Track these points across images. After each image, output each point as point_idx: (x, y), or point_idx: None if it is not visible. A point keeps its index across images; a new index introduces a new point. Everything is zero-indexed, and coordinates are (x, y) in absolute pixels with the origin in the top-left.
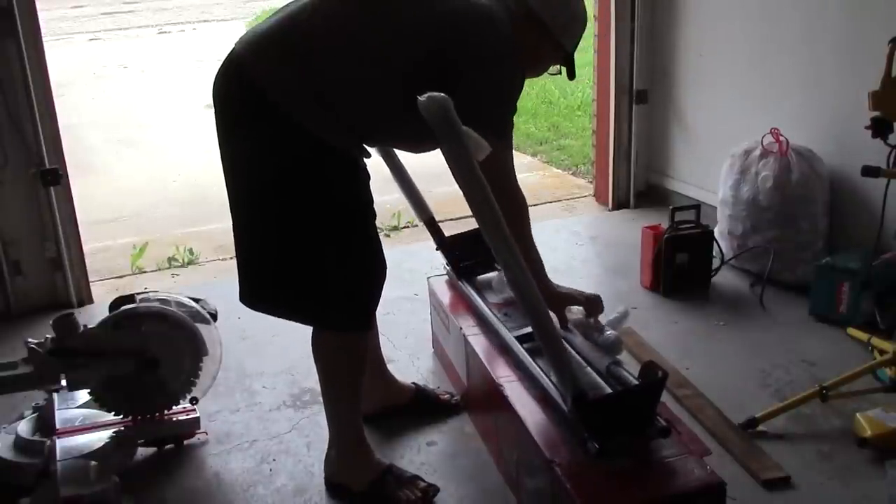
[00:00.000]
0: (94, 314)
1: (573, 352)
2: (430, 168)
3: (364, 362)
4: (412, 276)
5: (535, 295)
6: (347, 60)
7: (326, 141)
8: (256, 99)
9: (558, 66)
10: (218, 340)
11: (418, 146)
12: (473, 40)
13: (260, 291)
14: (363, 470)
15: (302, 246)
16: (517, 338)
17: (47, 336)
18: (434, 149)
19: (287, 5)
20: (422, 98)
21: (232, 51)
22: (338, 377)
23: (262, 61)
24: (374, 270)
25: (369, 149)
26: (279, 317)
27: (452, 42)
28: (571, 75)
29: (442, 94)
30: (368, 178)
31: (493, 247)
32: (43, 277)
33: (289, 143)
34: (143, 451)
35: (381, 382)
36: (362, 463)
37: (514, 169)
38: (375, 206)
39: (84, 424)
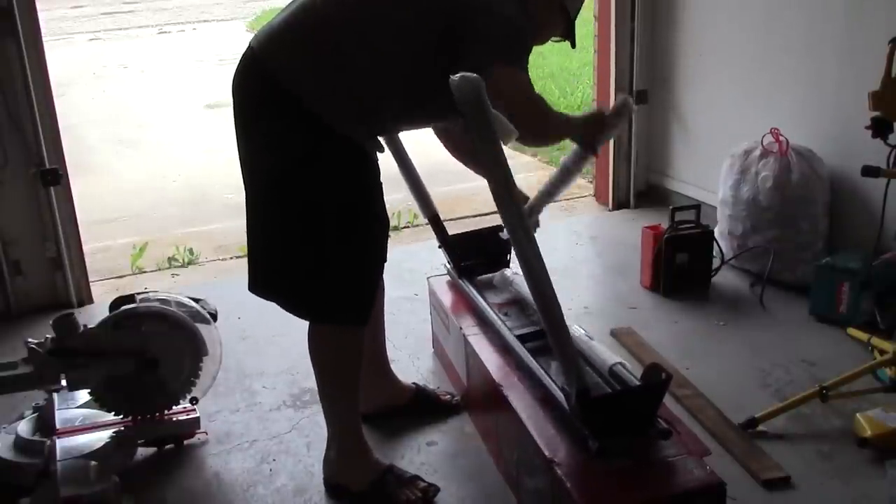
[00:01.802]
0: (94, 314)
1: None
2: (431, 167)
3: (360, 359)
4: (412, 276)
5: (549, 289)
6: (361, 47)
7: (343, 133)
8: (275, 93)
9: (559, 36)
10: (218, 340)
11: (434, 120)
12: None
13: (265, 280)
14: (363, 470)
15: (306, 237)
16: (517, 337)
17: (47, 336)
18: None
19: None
20: (454, 77)
21: (249, 46)
22: (335, 374)
23: (279, 55)
24: (373, 265)
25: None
26: (282, 307)
27: (464, 9)
28: (573, 43)
29: (475, 75)
30: (379, 173)
31: (510, 232)
32: (43, 277)
33: (304, 136)
34: (143, 451)
35: (383, 382)
36: (362, 463)
37: (537, 98)
38: None
39: (84, 424)
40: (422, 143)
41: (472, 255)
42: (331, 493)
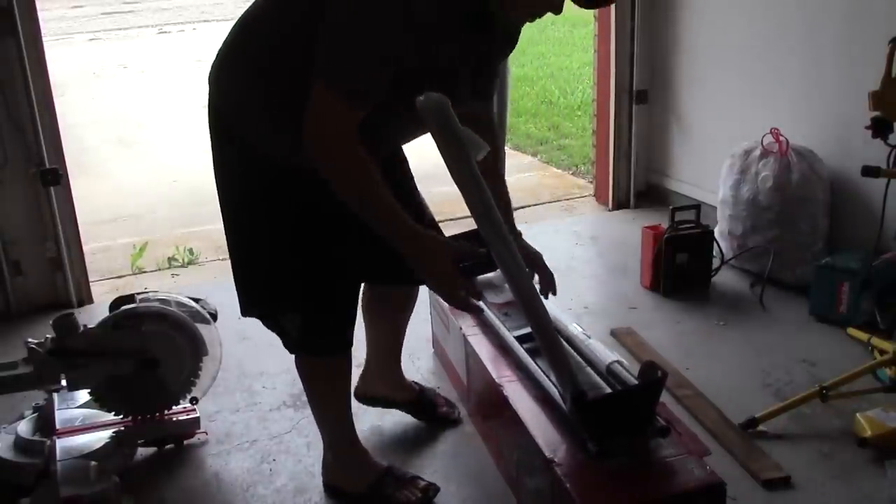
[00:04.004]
0: (94, 314)
1: (572, 351)
2: (430, 168)
3: (346, 382)
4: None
5: (533, 294)
6: (281, 55)
7: (284, 162)
8: (216, 122)
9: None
10: (218, 340)
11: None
12: None
13: (242, 304)
14: (359, 472)
15: (265, 271)
16: (517, 338)
17: (47, 336)
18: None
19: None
20: (420, 98)
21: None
22: (321, 398)
23: (214, 81)
24: (335, 294)
25: None
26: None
27: None
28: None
29: (439, 94)
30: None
31: (491, 248)
32: (43, 277)
33: (246, 169)
34: (143, 451)
35: (389, 375)
36: (358, 465)
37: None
38: None
39: (84, 424)
40: (419, 143)
41: (471, 255)
42: (330, 494)
